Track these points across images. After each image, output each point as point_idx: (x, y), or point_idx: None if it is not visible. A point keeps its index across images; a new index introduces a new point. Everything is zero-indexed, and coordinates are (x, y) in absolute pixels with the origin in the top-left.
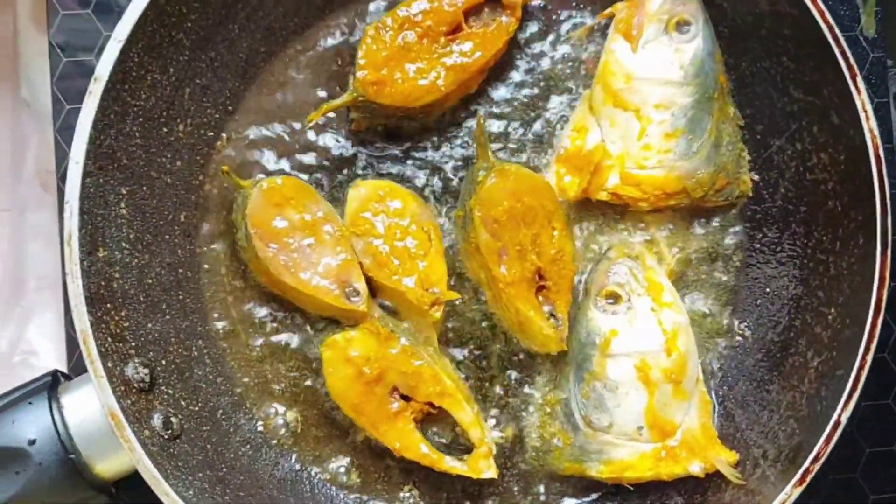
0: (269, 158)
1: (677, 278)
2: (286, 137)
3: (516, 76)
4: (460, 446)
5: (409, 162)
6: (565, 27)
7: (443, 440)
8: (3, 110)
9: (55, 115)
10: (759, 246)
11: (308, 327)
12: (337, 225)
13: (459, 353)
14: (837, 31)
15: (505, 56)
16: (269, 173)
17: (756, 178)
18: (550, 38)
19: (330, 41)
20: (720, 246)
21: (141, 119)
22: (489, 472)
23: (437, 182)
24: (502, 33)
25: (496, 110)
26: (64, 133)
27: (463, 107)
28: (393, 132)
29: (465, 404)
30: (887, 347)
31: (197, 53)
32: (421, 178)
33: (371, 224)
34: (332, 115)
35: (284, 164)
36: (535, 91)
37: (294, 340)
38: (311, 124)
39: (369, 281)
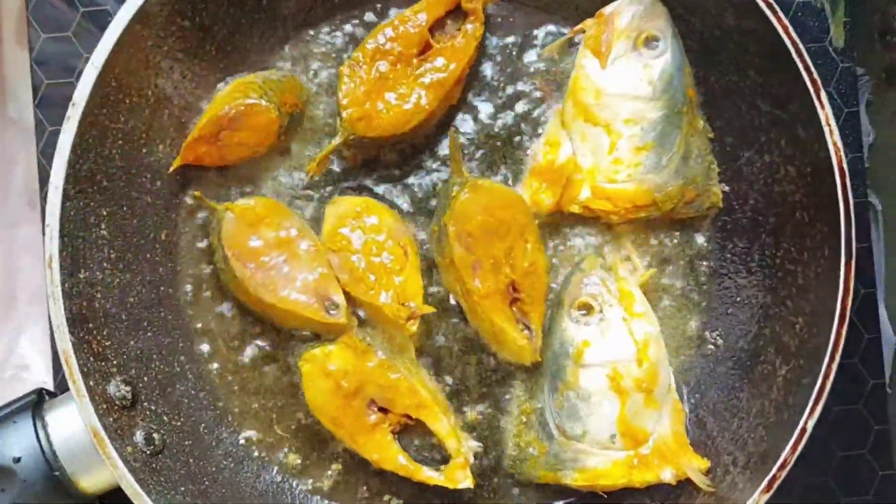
0: (247, 177)
1: (649, 289)
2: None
3: (490, 91)
4: (439, 457)
5: (387, 177)
6: (539, 42)
7: (422, 451)
8: None
9: (38, 137)
10: (729, 256)
11: (288, 342)
12: (312, 241)
13: (436, 365)
14: (801, 46)
15: (480, 71)
16: (246, 194)
17: (726, 189)
18: (524, 52)
19: (305, 66)
20: (692, 256)
21: (121, 141)
22: (465, 482)
23: (414, 197)
24: (471, 40)
25: (471, 125)
26: (47, 154)
27: (441, 124)
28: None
29: (441, 416)
30: (858, 353)
31: (174, 76)
32: (398, 194)
33: (348, 240)
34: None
35: (261, 183)
36: (509, 107)
37: (275, 354)
38: (310, 177)
39: (347, 296)
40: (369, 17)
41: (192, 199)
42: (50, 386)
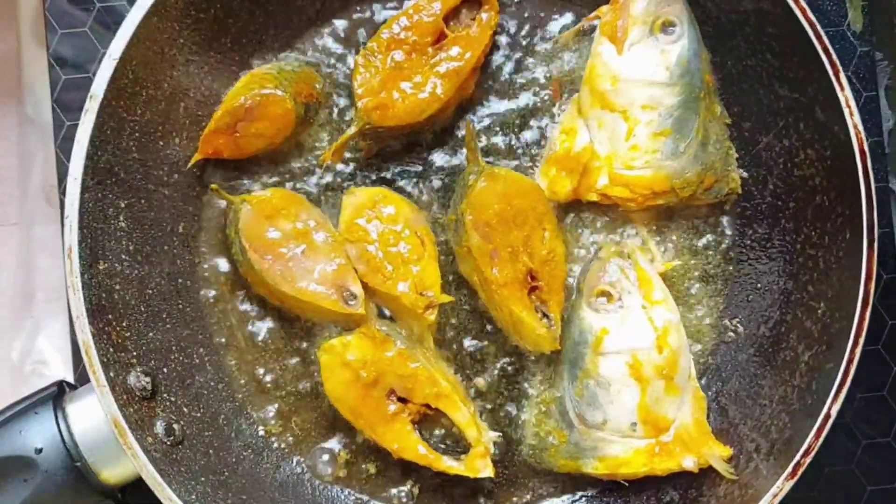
0: (264, 169)
1: (668, 276)
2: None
3: (505, 81)
4: (458, 446)
5: (403, 167)
6: (552, 31)
7: (442, 440)
8: (9, 127)
9: (56, 131)
10: (749, 242)
11: (306, 332)
12: (330, 231)
13: (454, 355)
14: (819, 28)
15: (494, 61)
16: (264, 185)
17: (745, 175)
18: (538, 41)
19: (321, 56)
20: (711, 243)
21: (137, 134)
22: (486, 471)
23: (431, 186)
24: (485, 29)
25: (486, 115)
26: (64, 148)
27: (457, 112)
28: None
29: (460, 405)
30: (882, 340)
31: (190, 68)
32: (415, 184)
33: (365, 230)
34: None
35: (278, 174)
36: (526, 94)
37: (293, 345)
38: (325, 166)
39: (364, 287)
40: (384, 7)
41: (210, 191)
42: (70, 380)
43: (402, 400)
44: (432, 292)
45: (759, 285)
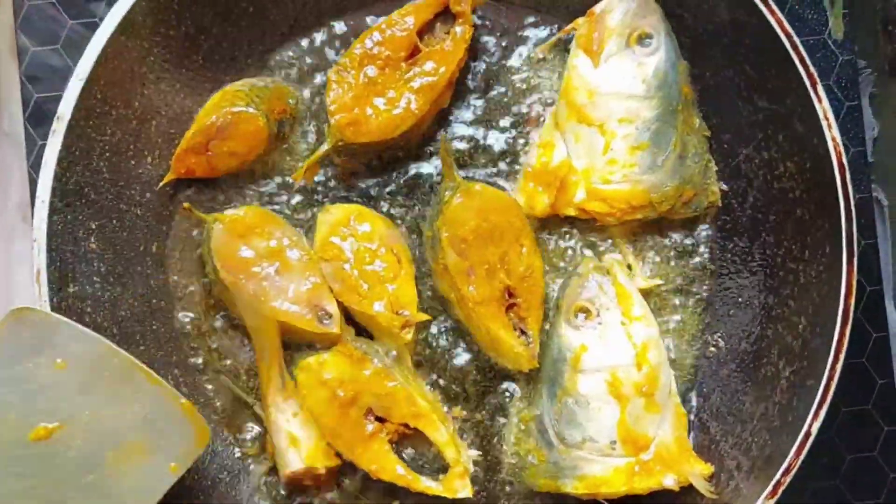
0: (237, 187)
1: (649, 291)
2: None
3: (480, 95)
4: (438, 466)
5: (379, 183)
6: (529, 42)
7: (420, 461)
8: None
9: (28, 149)
10: (729, 256)
11: (284, 352)
12: (304, 250)
13: (433, 373)
14: (796, 39)
15: (470, 76)
16: (237, 203)
17: (725, 187)
18: (514, 54)
19: (294, 72)
20: (691, 256)
21: (108, 154)
22: (464, 491)
23: (407, 202)
24: (460, 43)
25: (462, 129)
26: (37, 167)
27: (432, 127)
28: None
29: (439, 424)
30: (866, 353)
31: (161, 86)
32: (391, 200)
33: (340, 249)
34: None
35: (252, 192)
36: (501, 109)
37: None
38: (298, 184)
39: (340, 305)
40: (357, 22)
41: (183, 210)
42: None
43: (380, 419)
44: (408, 311)
45: (740, 300)
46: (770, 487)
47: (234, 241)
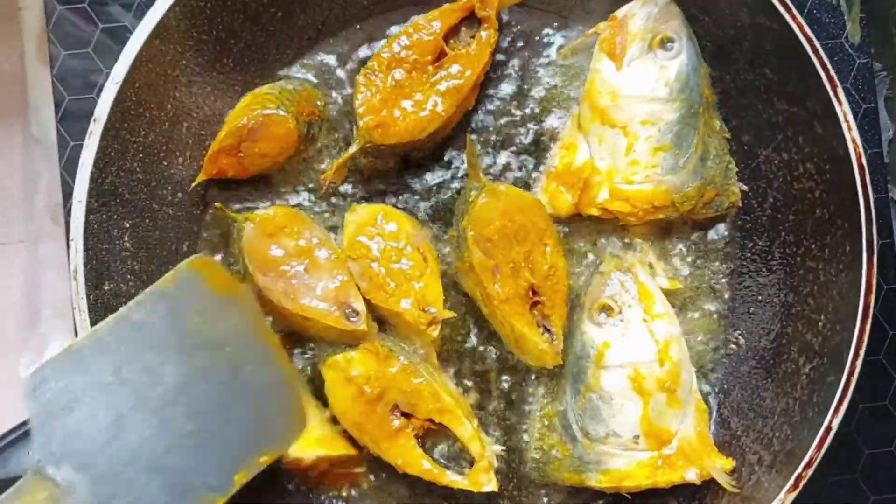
0: (267, 187)
1: (670, 289)
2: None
3: (506, 98)
4: (463, 460)
5: (405, 184)
6: (553, 46)
7: (446, 455)
8: (15, 146)
9: (60, 151)
10: (750, 255)
11: (310, 350)
12: (332, 249)
13: (457, 369)
14: (817, 43)
15: (495, 79)
16: (268, 203)
17: (745, 188)
18: (538, 58)
19: (322, 75)
20: (712, 255)
21: (141, 155)
22: (490, 485)
23: (432, 203)
24: (485, 47)
25: (487, 131)
26: (69, 168)
27: (457, 129)
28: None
29: (464, 420)
30: (882, 350)
31: (193, 89)
32: (416, 200)
33: (367, 247)
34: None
35: (283, 192)
36: (525, 111)
37: (297, 363)
38: (328, 184)
39: (367, 303)
40: (384, 25)
41: (214, 210)
42: None
43: (406, 415)
44: (435, 308)
45: (760, 298)
46: (791, 481)
47: (263, 241)
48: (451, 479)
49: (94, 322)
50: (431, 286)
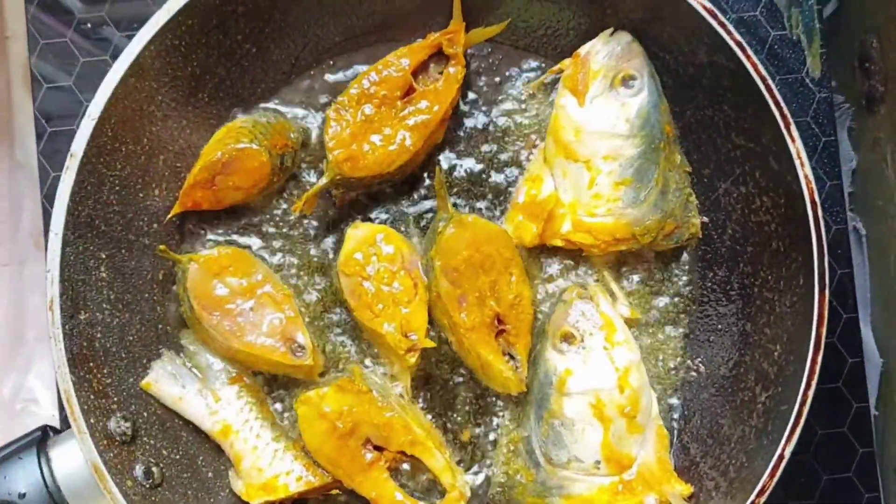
0: (241, 217)
1: (631, 317)
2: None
3: (473, 130)
4: (436, 491)
5: (375, 215)
6: (519, 82)
7: (418, 487)
8: (1, 170)
9: (42, 181)
10: (709, 284)
11: (283, 382)
12: (277, 286)
13: (425, 396)
14: (770, 82)
15: (462, 111)
16: (240, 233)
17: (705, 220)
18: (504, 93)
19: (298, 110)
20: (673, 285)
21: (118, 188)
22: None
23: (405, 232)
24: (453, 83)
25: (455, 162)
26: (51, 198)
27: (426, 162)
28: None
29: (435, 451)
30: (842, 378)
31: (169, 123)
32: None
33: (361, 265)
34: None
35: (256, 221)
36: (492, 143)
37: (271, 395)
38: (297, 213)
39: (352, 319)
40: (354, 62)
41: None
42: (58, 419)
43: (378, 448)
44: (416, 335)
45: (719, 326)
46: None
47: (209, 280)
48: None
49: (69, 351)
50: (417, 313)
